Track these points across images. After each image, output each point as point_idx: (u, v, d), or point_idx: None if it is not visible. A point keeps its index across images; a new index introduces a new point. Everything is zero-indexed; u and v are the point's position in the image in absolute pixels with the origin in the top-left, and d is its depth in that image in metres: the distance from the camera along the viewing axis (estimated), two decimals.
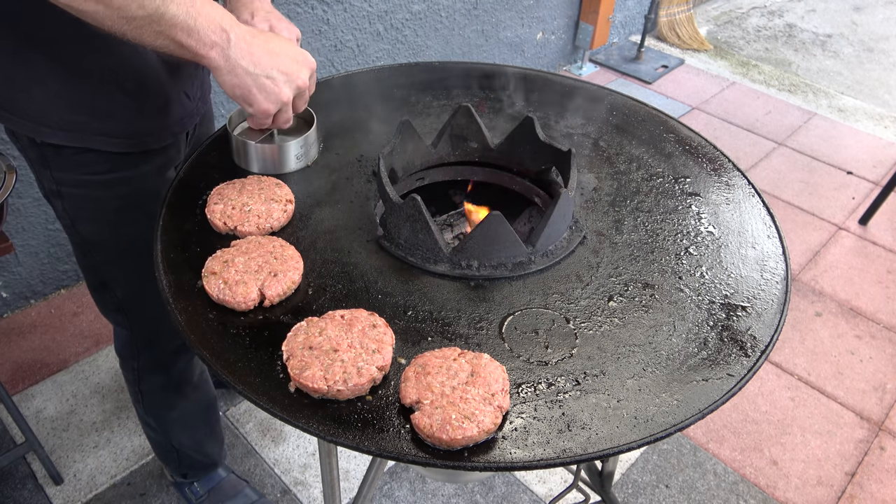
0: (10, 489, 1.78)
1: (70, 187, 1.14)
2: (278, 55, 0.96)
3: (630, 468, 1.92)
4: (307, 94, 1.03)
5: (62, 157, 1.10)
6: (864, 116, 3.73)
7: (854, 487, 1.92)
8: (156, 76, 1.10)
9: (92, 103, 1.06)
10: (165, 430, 1.58)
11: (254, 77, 0.93)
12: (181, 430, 1.59)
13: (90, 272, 1.29)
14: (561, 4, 3.65)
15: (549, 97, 1.41)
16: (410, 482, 1.84)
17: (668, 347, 0.89)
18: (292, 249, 0.96)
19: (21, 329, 2.19)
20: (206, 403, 1.61)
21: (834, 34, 4.68)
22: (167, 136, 1.18)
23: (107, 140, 1.10)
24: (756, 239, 1.08)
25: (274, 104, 0.97)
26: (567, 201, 1.00)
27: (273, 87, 0.95)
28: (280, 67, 0.95)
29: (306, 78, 0.99)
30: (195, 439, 1.64)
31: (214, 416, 1.67)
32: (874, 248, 2.81)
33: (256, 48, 0.93)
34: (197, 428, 1.63)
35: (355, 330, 0.84)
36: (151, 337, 1.39)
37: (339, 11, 2.59)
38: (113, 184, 1.15)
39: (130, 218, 1.20)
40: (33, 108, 1.04)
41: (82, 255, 1.26)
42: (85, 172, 1.13)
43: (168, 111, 1.15)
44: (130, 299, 1.31)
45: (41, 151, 1.10)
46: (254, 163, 1.13)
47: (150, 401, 1.51)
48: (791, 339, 2.37)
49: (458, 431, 0.73)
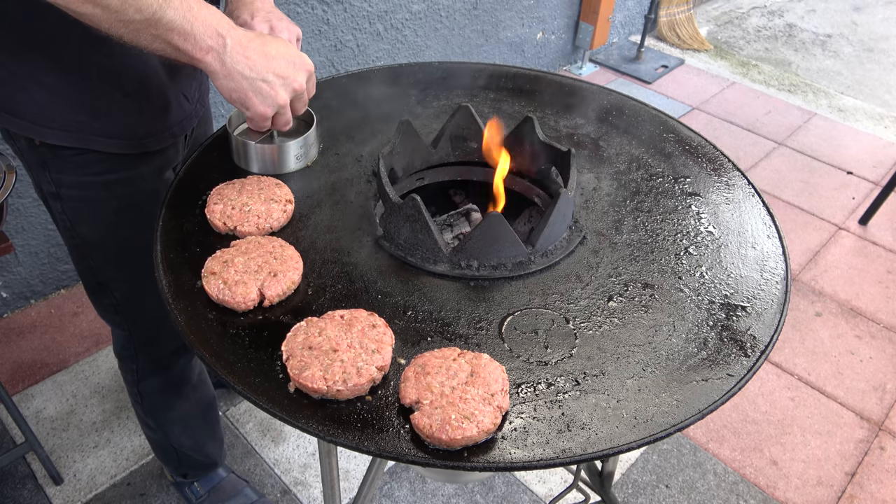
0: (10, 489, 1.78)
1: (69, 188, 1.15)
2: (275, 58, 0.95)
3: (630, 468, 1.92)
4: (305, 96, 1.02)
5: (61, 158, 1.10)
6: (864, 116, 3.73)
7: (854, 487, 1.91)
8: (156, 78, 1.10)
9: (92, 103, 1.06)
10: (165, 431, 1.58)
11: (250, 81, 0.93)
12: (181, 431, 1.59)
13: (88, 274, 1.29)
14: (561, 4, 3.65)
15: (548, 97, 1.41)
16: (410, 482, 1.84)
17: (668, 347, 0.89)
18: (292, 249, 0.96)
19: (21, 329, 2.19)
20: (205, 404, 1.61)
21: (834, 34, 4.68)
22: (167, 137, 1.18)
23: (106, 141, 1.10)
24: (756, 239, 1.08)
25: (271, 108, 0.97)
26: (567, 201, 1.00)
27: (269, 91, 0.95)
28: (276, 71, 0.95)
29: (303, 81, 0.99)
30: (195, 439, 1.64)
31: (214, 416, 1.67)
32: (874, 248, 2.81)
33: (252, 52, 0.93)
34: (196, 428, 1.63)
35: (355, 330, 0.84)
36: (149, 338, 1.40)
37: (339, 11, 2.59)
38: (111, 184, 1.16)
39: (129, 219, 1.20)
40: (33, 109, 1.04)
41: (80, 258, 1.26)
42: (84, 174, 1.13)
43: (167, 113, 1.15)
44: (128, 300, 1.31)
45: (39, 153, 1.10)
46: (253, 163, 1.13)
47: (150, 402, 1.51)
48: (791, 339, 2.37)
49: (457, 431, 0.73)
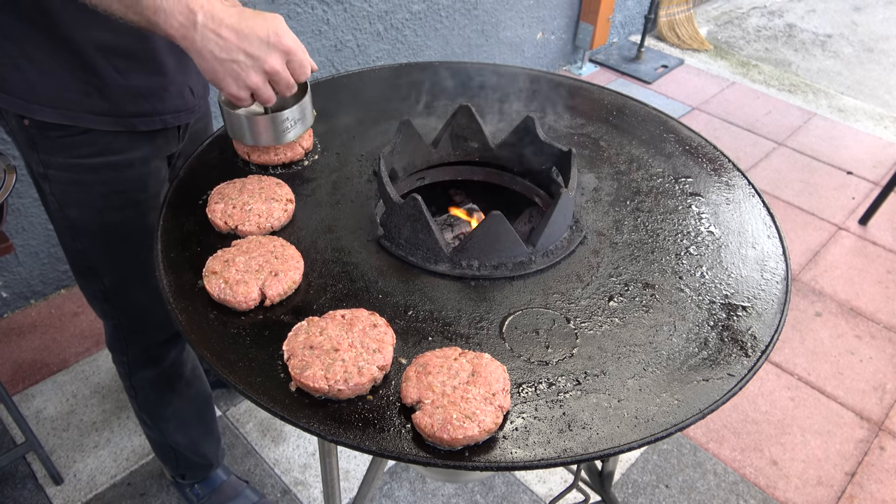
0: (10, 489, 1.78)
1: (57, 170, 1.14)
2: (248, 37, 0.89)
3: (630, 468, 1.92)
4: (286, 78, 0.95)
5: (49, 139, 1.10)
6: (864, 116, 3.73)
7: (854, 487, 1.92)
8: (154, 60, 1.08)
9: (81, 79, 1.05)
10: (161, 429, 1.58)
11: (220, 62, 0.90)
12: (175, 428, 1.59)
13: (78, 259, 1.29)
14: (561, 4, 3.65)
15: (548, 97, 1.41)
16: (410, 482, 1.84)
17: (669, 347, 0.89)
18: (293, 249, 0.96)
19: (21, 329, 2.19)
20: (201, 401, 1.61)
21: (834, 34, 4.68)
22: (156, 122, 1.16)
23: (95, 118, 1.09)
24: (756, 239, 1.08)
25: (244, 90, 0.93)
26: (567, 201, 1.00)
27: (240, 73, 0.91)
28: (248, 50, 0.90)
29: (276, 62, 0.92)
30: (191, 438, 1.64)
31: (210, 414, 1.66)
32: (874, 248, 2.81)
33: (225, 29, 0.88)
34: (192, 426, 1.63)
35: (356, 329, 0.84)
36: (137, 327, 1.39)
37: (339, 11, 2.59)
38: (98, 168, 1.15)
39: (116, 204, 1.20)
40: (23, 86, 1.03)
41: (70, 240, 1.26)
42: (71, 156, 1.13)
43: (162, 98, 1.13)
44: (116, 288, 1.32)
45: (29, 134, 1.10)
46: (246, 134, 1.08)
47: (143, 396, 1.52)
48: (791, 339, 2.37)
49: (458, 431, 0.73)
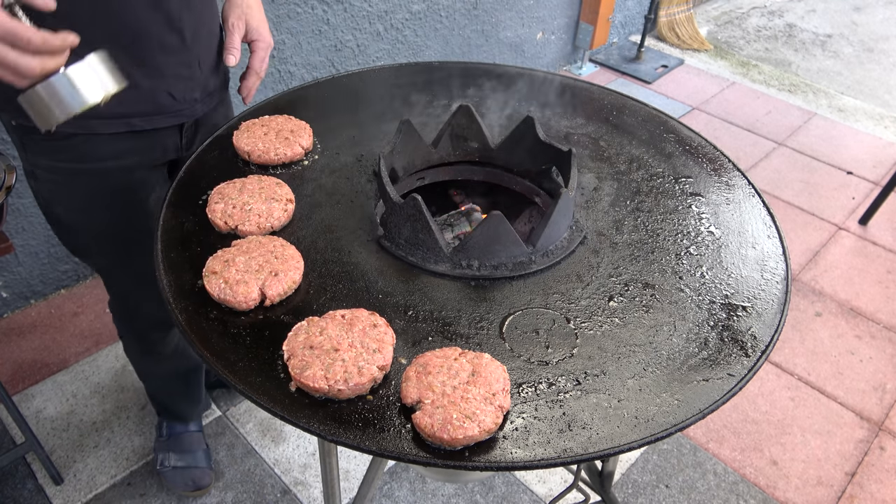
0: (10, 489, 1.78)
1: (43, 171, 1.18)
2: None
3: (630, 468, 1.92)
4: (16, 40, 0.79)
5: (34, 142, 1.13)
6: (864, 116, 3.73)
7: (854, 487, 1.92)
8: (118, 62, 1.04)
9: None
10: (142, 378, 1.72)
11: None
12: (157, 386, 1.72)
13: (69, 246, 1.36)
14: (561, 4, 3.65)
15: (549, 97, 1.41)
16: (410, 482, 1.84)
17: (669, 347, 0.89)
18: (293, 249, 0.96)
19: (21, 329, 2.19)
20: (182, 371, 1.68)
21: (834, 34, 4.68)
22: (121, 125, 1.13)
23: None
24: (756, 239, 1.08)
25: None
26: (567, 201, 1.00)
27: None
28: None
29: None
30: (170, 395, 1.75)
31: (195, 380, 1.74)
32: (874, 248, 2.81)
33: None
34: (173, 386, 1.73)
35: (356, 329, 0.84)
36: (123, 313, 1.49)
37: (339, 11, 2.59)
38: (79, 173, 1.17)
39: (101, 205, 1.23)
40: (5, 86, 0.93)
41: (58, 232, 1.32)
42: (53, 159, 1.15)
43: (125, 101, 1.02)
44: (105, 273, 1.40)
45: (18, 134, 1.13)
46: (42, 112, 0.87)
47: (127, 345, 1.63)
48: (791, 339, 2.37)
49: (459, 431, 0.73)
